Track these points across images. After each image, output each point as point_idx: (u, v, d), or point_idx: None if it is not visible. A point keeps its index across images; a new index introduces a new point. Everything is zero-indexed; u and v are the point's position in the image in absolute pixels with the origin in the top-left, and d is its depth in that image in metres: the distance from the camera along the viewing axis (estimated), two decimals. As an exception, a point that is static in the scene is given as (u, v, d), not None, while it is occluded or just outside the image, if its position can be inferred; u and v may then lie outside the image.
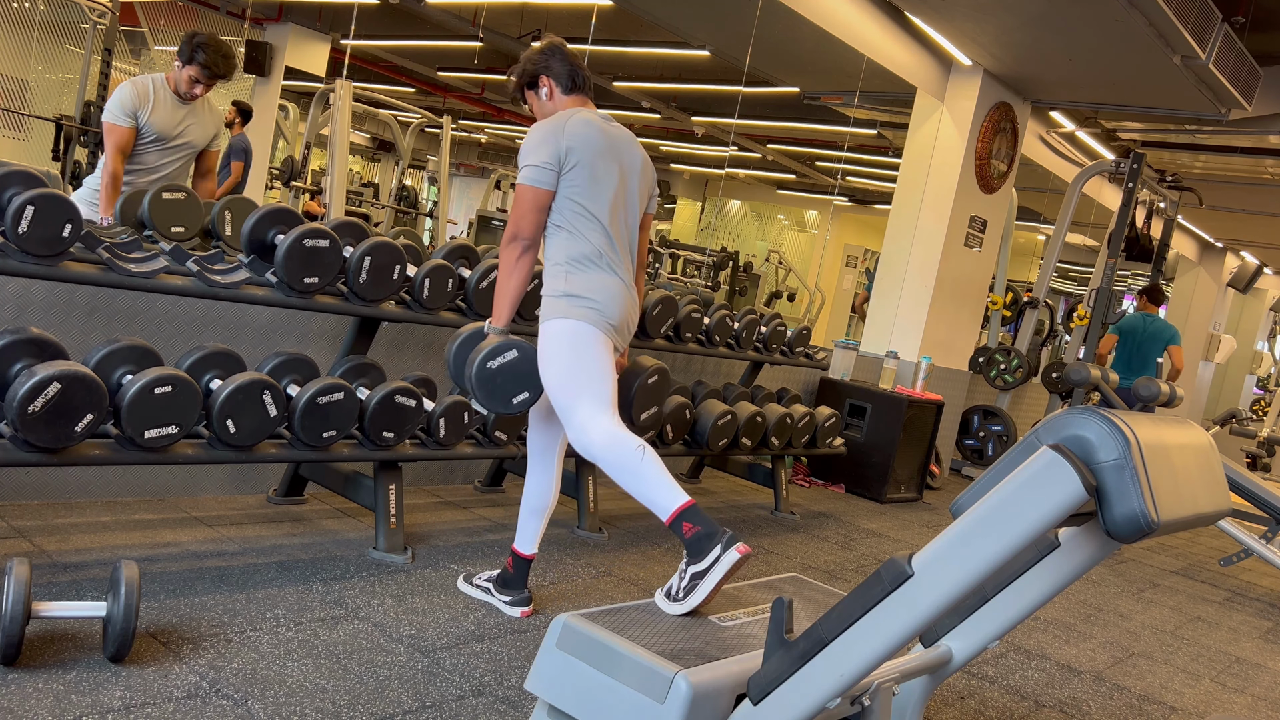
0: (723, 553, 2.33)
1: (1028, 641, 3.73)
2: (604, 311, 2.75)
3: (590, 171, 2.76)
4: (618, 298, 2.79)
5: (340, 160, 7.33)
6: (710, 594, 2.27)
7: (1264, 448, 10.55)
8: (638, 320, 2.96)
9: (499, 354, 2.78)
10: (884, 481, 6.00)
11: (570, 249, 2.77)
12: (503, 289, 2.81)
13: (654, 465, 2.57)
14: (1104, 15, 5.20)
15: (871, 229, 16.08)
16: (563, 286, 2.75)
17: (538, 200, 2.76)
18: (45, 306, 3.06)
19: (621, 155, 2.86)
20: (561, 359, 2.71)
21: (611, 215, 2.81)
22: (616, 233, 2.83)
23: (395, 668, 2.47)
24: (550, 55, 2.92)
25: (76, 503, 3.24)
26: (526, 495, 2.99)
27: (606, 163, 2.80)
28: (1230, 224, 11.82)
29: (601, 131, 2.83)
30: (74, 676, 2.13)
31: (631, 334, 2.94)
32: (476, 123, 15.66)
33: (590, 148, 2.77)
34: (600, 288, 2.75)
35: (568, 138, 2.75)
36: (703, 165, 16.33)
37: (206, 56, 3.80)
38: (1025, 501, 1.58)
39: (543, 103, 2.95)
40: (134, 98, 3.77)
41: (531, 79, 2.95)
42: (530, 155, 2.76)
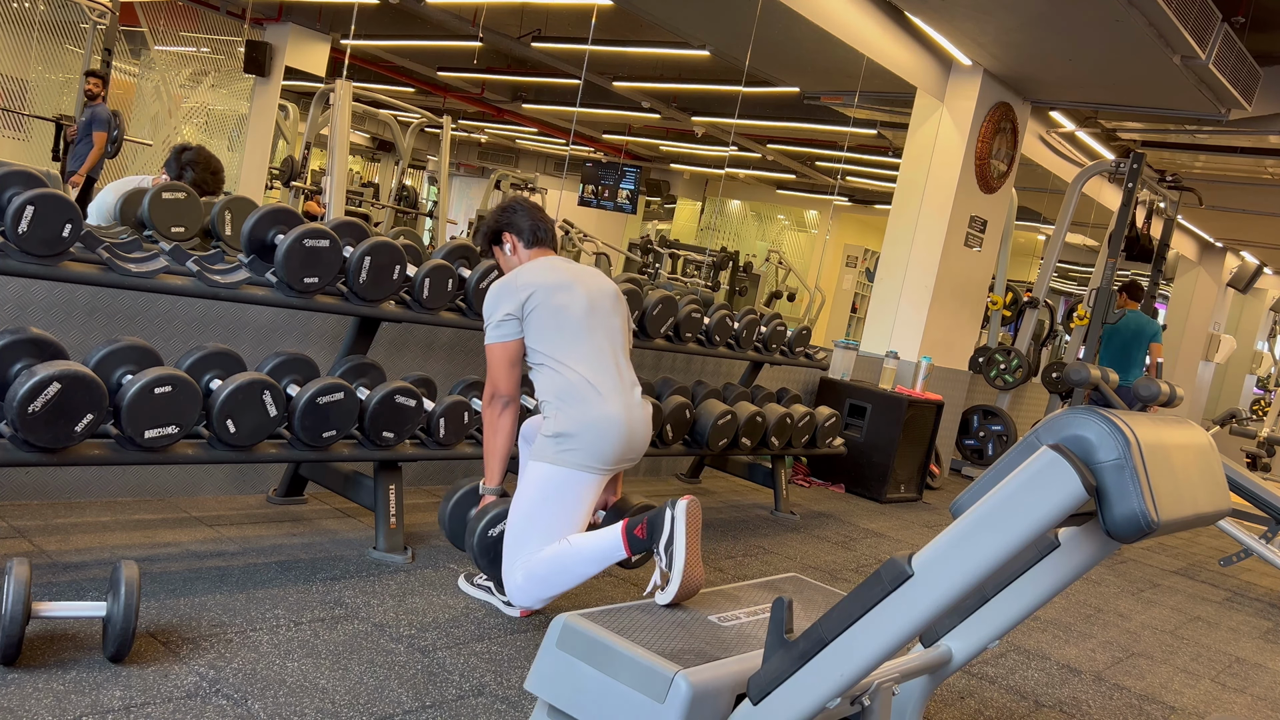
0: (673, 512, 2.44)
1: (1028, 641, 3.73)
2: (594, 450, 2.73)
3: (553, 306, 2.80)
4: (613, 426, 2.75)
5: (340, 160, 7.33)
6: (689, 551, 2.33)
7: (1264, 448, 10.55)
8: (648, 434, 2.89)
9: (498, 523, 2.83)
10: (884, 481, 6.00)
11: (555, 384, 2.78)
12: (490, 449, 2.88)
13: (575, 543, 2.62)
14: (1104, 15, 5.20)
15: (871, 229, 16.09)
16: (554, 426, 2.75)
17: (508, 354, 2.81)
18: (45, 306, 3.06)
19: (586, 281, 2.91)
20: (532, 503, 2.74)
21: (590, 335, 2.82)
22: (598, 355, 2.82)
23: (395, 668, 2.47)
24: (512, 212, 3.02)
25: (76, 503, 3.24)
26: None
27: (569, 292, 2.84)
28: (1230, 224, 11.82)
29: (560, 267, 2.90)
30: (74, 676, 2.13)
31: (643, 449, 2.88)
32: (476, 123, 15.67)
33: (547, 284, 2.82)
34: (591, 422, 2.73)
35: (522, 286, 2.81)
36: (703, 165, 16.34)
37: (196, 175, 3.77)
38: (1025, 501, 1.59)
39: (507, 257, 3.04)
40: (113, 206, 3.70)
41: (495, 235, 3.04)
42: (491, 314, 2.83)
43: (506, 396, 2.83)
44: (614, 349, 2.88)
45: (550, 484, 2.72)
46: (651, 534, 2.46)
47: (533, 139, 16.41)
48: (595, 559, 2.60)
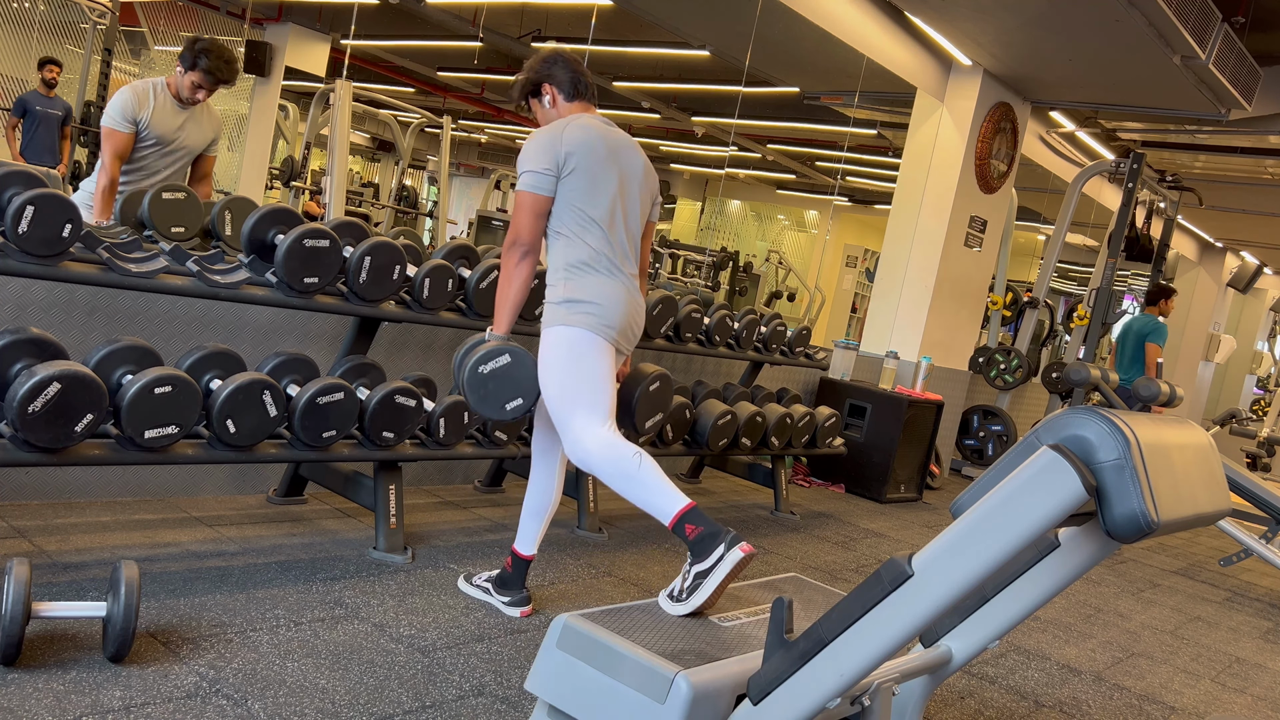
0: (726, 551, 2.34)
1: (1028, 641, 3.73)
2: (604, 316, 2.73)
3: (589, 177, 2.76)
4: (619, 301, 2.77)
5: (340, 160, 7.33)
6: (714, 593, 2.27)
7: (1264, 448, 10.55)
8: (643, 324, 2.94)
9: (491, 358, 2.76)
10: (884, 481, 6.00)
11: (570, 254, 2.76)
12: (503, 295, 2.81)
13: (652, 471, 2.58)
14: (1104, 15, 5.20)
15: (871, 229, 16.09)
16: (563, 293, 2.74)
17: (536, 206, 2.75)
18: (45, 306, 3.06)
19: (622, 161, 2.85)
20: (559, 368, 2.71)
21: (611, 220, 2.80)
22: (616, 238, 2.81)
23: (395, 668, 2.47)
24: (553, 63, 2.93)
25: (76, 503, 3.24)
26: (528, 496, 2.99)
27: (606, 168, 2.79)
28: (1230, 224, 11.82)
29: (601, 137, 2.82)
30: (74, 676, 2.13)
31: (638, 337, 2.92)
32: (476, 123, 15.67)
33: (589, 153, 2.76)
34: (601, 291, 2.74)
35: (566, 143, 2.75)
36: (703, 165, 16.33)
37: (210, 62, 3.78)
38: (1025, 501, 1.58)
39: (546, 110, 2.96)
40: (134, 103, 3.76)
41: (534, 87, 2.96)
42: (529, 161, 2.76)
43: (528, 245, 2.77)
44: (629, 237, 2.86)
45: (573, 343, 2.70)
46: (696, 548, 2.38)
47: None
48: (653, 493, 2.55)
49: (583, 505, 4.04)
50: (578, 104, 2.93)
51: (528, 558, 2.98)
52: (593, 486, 4.08)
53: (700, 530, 2.41)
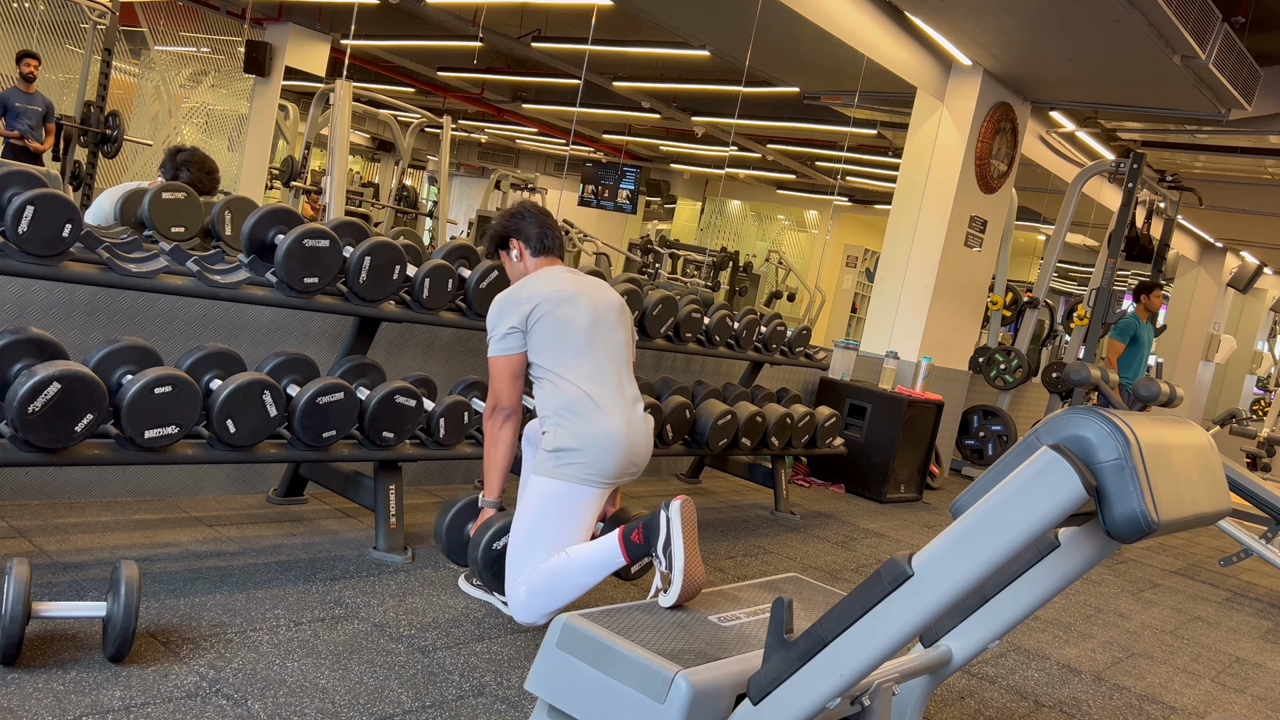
0: (668, 514, 2.42)
1: (1028, 641, 3.73)
2: (592, 465, 2.70)
3: (556, 317, 2.77)
4: (613, 442, 2.72)
5: (340, 160, 7.32)
6: (687, 552, 2.31)
7: (1264, 448, 10.56)
8: (648, 449, 2.86)
9: (501, 536, 2.81)
10: (884, 481, 6.00)
11: (558, 398, 2.75)
12: (490, 461, 2.85)
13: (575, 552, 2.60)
14: (1104, 15, 5.20)
15: (871, 229, 16.08)
16: (552, 441, 2.73)
17: (510, 368, 2.79)
18: (45, 306, 3.06)
19: (591, 293, 2.88)
20: (530, 517, 2.71)
21: (592, 350, 2.79)
22: (602, 364, 2.80)
23: (395, 668, 2.47)
24: (520, 218, 2.97)
25: (76, 503, 3.24)
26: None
27: (574, 303, 2.81)
28: (1230, 224, 11.82)
29: (566, 278, 2.87)
30: (74, 676, 2.13)
31: (641, 466, 2.86)
32: (476, 123, 15.67)
33: (553, 296, 2.79)
34: (591, 438, 2.70)
35: (526, 299, 2.79)
36: (703, 165, 16.33)
37: (191, 175, 3.76)
38: (1025, 501, 1.59)
39: (513, 264, 3.00)
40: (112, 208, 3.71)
41: (502, 240, 3.00)
42: (494, 327, 2.80)
43: (508, 409, 2.81)
44: (616, 363, 2.85)
45: (551, 499, 2.70)
46: (648, 538, 2.45)
47: (533, 139, 16.41)
48: (594, 568, 2.58)
49: (583, 505, 4.04)
50: (544, 259, 2.96)
51: None
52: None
53: (639, 526, 2.49)
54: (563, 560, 2.60)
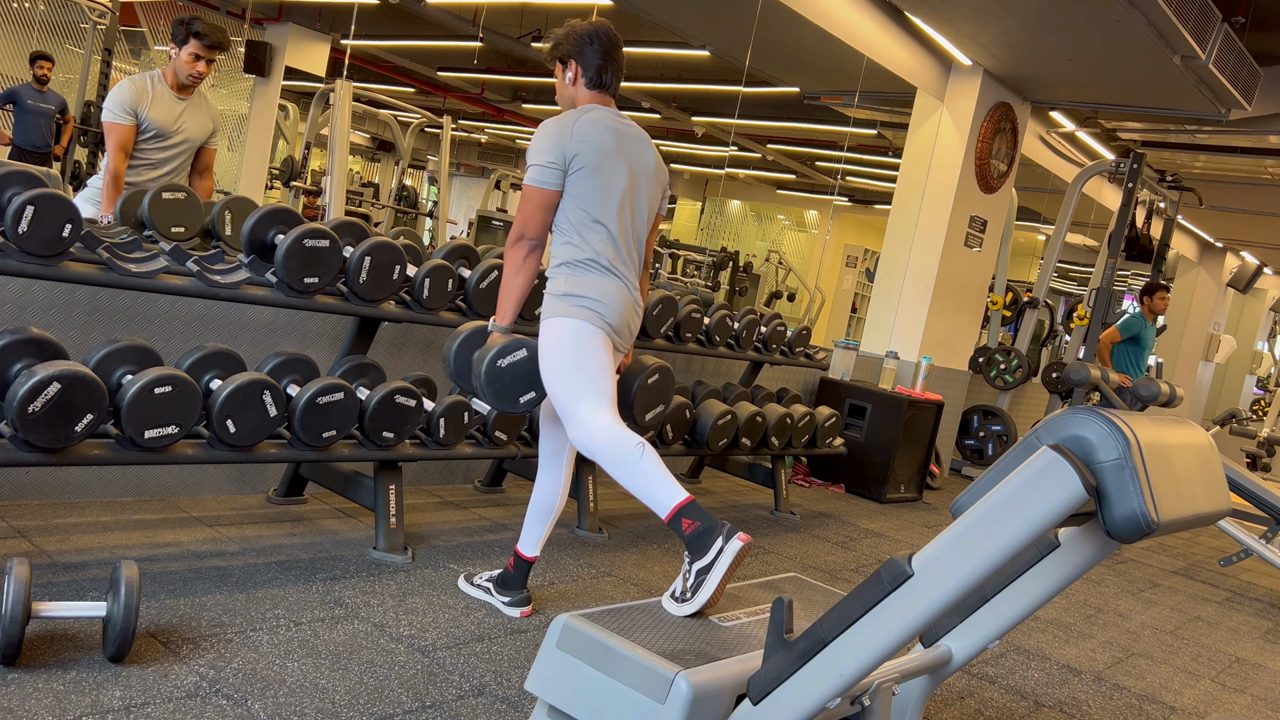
0: (724, 544, 2.33)
1: (1028, 641, 3.73)
2: (603, 312, 2.74)
3: (596, 174, 2.73)
4: (618, 300, 2.78)
5: (340, 160, 7.33)
6: (718, 588, 2.26)
7: (1264, 448, 10.55)
8: (639, 324, 2.94)
9: (508, 353, 2.78)
10: (884, 481, 6.00)
11: (573, 252, 2.76)
12: (508, 288, 2.80)
13: (653, 462, 2.57)
14: (1104, 15, 5.20)
15: (871, 229, 16.08)
16: (564, 287, 2.74)
17: (544, 200, 2.74)
18: (45, 306, 3.06)
19: (632, 156, 2.83)
20: (561, 356, 2.71)
21: (618, 218, 2.79)
22: (622, 236, 2.81)
23: (395, 668, 2.47)
24: (589, 42, 2.85)
25: (76, 503, 3.24)
26: (535, 497, 2.99)
27: (614, 164, 2.76)
28: (1230, 224, 11.82)
29: (612, 131, 2.79)
30: (74, 676, 2.13)
31: (633, 336, 2.92)
32: (476, 123, 15.66)
33: (597, 149, 2.74)
34: (601, 290, 2.74)
35: (575, 140, 2.72)
36: (703, 165, 16.33)
37: (202, 25, 3.81)
38: (1025, 501, 1.58)
39: (565, 85, 2.91)
40: (132, 94, 3.79)
41: (564, 57, 2.89)
42: (537, 155, 2.73)
43: (535, 240, 2.75)
44: (636, 235, 2.85)
45: (573, 333, 2.70)
46: (694, 543, 2.37)
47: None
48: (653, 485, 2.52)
49: (583, 505, 4.04)
50: (595, 94, 2.88)
51: (530, 559, 2.97)
52: (593, 487, 4.08)
53: (697, 525, 2.40)
54: (640, 454, 2.56)
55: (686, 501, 2.47)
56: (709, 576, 2.27)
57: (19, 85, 7.97)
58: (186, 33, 3.81)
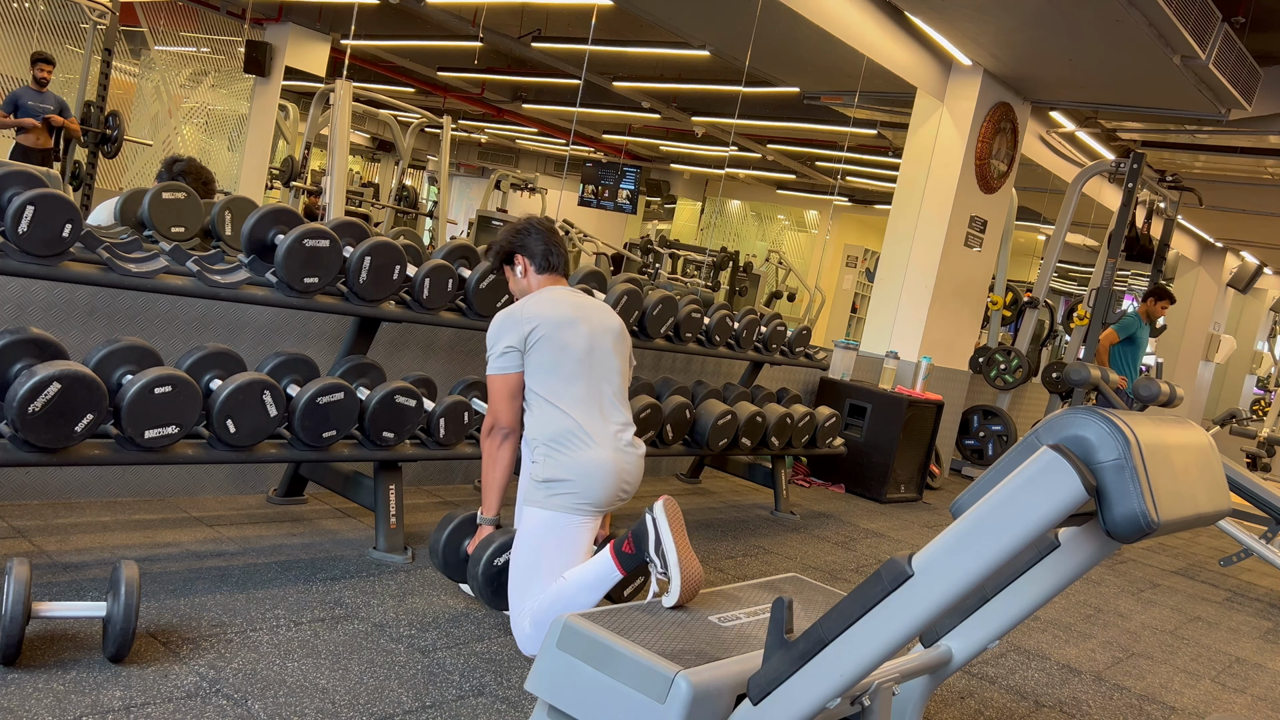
0: (652, 515, 2.46)
1: (1028, 641, 3.73)
2: (584, 495, 2.71)
3: (555, 342, 2.77)
4: (604, 472, 2.72)
5: (340, 160, 7.32)
6: (680, 549, 2.34)
7: (1264, 448, 10.56)
8: (638, 478, 2.87)
9: (503, 553, 2.80)
10: (884, 481, 6.00)
11: (547, 427, 2.74)
12: (488, 480, 2.85)
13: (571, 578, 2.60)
14: (1104, 15, 5.20)
15: (871, 229, 16.08)
16: (542, 472, 2.72)
17: (508, 386, 2.79)
18: (45, 306, 3.06)
19: (591, 318, 2.88)
20: (527, 549, 2.71)
21: (586, 376, 2.80)
22: (595, 393, 2.81)
23: (395, 668, 2.47)
24: (526, 234, 2.97)
25: (76, 503, 3.24)
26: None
27: (572, 328, 2.81)
28: (1230, 224, 11.82)
29: (566, 302, 2.86)
30: (74, 676, 2.13)
31: (632, 491, 2.87)
32: (476, 123, 15.66)
33: (552, 319, 2.79)
34: (580, 468, 2.70)
35: (527, 319, 2.78)
36: (703, 165, 16.33)
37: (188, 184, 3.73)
38: (1025, 502, 1.59)
39: (517, 279, 3.00)
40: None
41: (507, 255, 3.00)
42: (494, 345, 2.81)
43: (506, 429, 2.81)
44: (611, 391, 2.86)
45: (545, 529, 2.70)
46: (638, 545, 2.46)
47: (533, 139, 16.41)
48: (591, 586, 2.58)
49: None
50: (548, 276, 2.96)
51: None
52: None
53: (628, 537, 2.51)
54: (560, 585, 2.61)
55: (611, 548, 2.56)
56: (664, 545, 2.39)
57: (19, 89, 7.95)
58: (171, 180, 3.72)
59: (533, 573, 2.68)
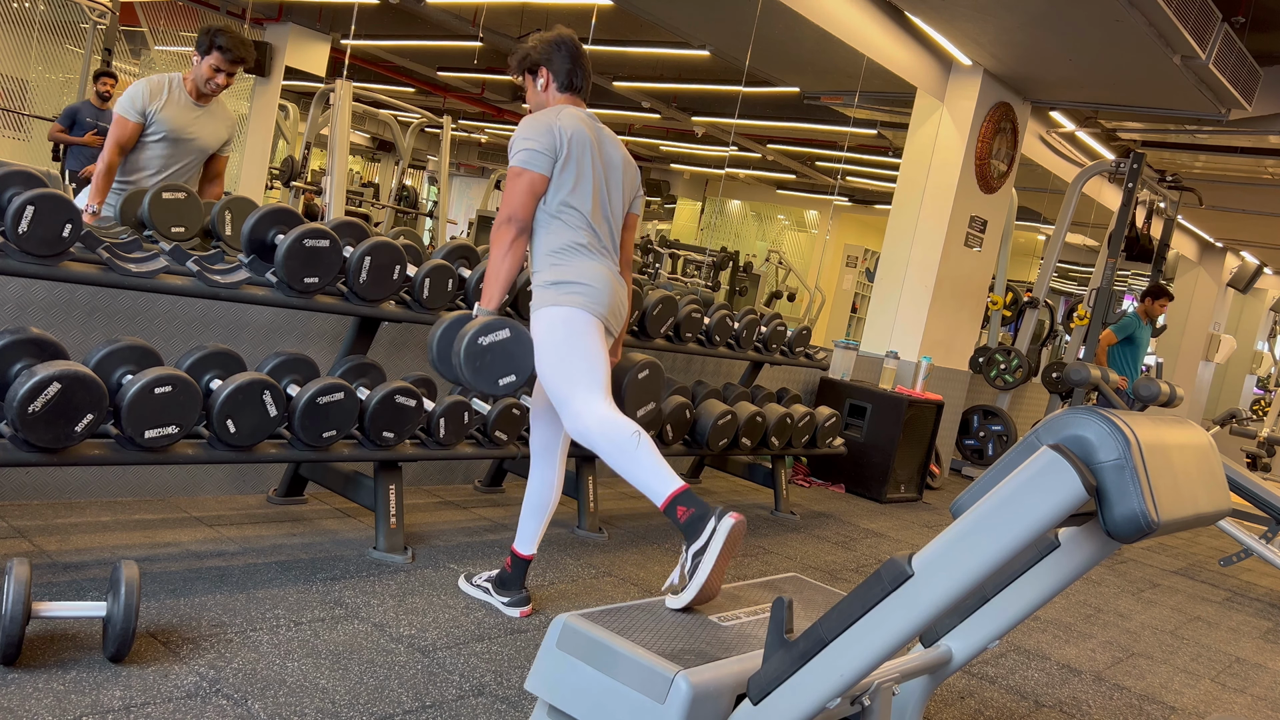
0: (717, 523, 2.36)
1: (1028, 641, 3.73)
2: (594, 295, 2.76)
3: (577, 167, 2.79)
4: (606, 282, 2.80)
5: (340, 160, 7.33)
6: (715, 568, 2.27)
7: (1264, 448, 10.56)
8: (628, 311, 2.97)
9: (491, 331, 2.73)
10: (884, 481, 6.00)
11: (555, 240, 2.79)
12: (494, 272, 2.78)
13: (649, 451, 2.57)
14: (1104, 15, 5.20)
15: (871, 229, 16.08)
16: (550, 276, 2.76)
17: (533, 185, 2.77)
18: (45, 306, 3.06)
19: (606, 153, 2.91)
20: (554, 346, 2.72)
21: (595, 210, 2.84)
22: (600, 227, 2.86)
23: (395, 668, 2.47)
24: (556, 49, 2.95)
25: (76, 503, 3.24)
26: (528, 494, 2.99)
27: (592, 160, 2.83)
28: (1230, 224, 11.82)
29: (589, 129, 2.87)
30: (74, 676, 2.13)
31: (623, 322, 2.94)
32: (476, 123, 15.67)
33: (579, 144, 2.81)
34: (588, 273, 2.77)
35: (561, 129, 2.79)
36: (703, 165, 16.34)
37: (226, 40, 3.75)
38: (1025, 502, 1.58)
39: (537, 92, 2.99)
40: (146, 94, 3.74)
41: (533, 66, 2.98)
42: (528, 140, 2.77)
43: (522, 223, 2.75)
44: (614, 227, 2.91)
45: (565, 322, 2.72)
46: (689, 528, 2.40)
47: (533, 139, 16.37)
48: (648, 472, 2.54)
49: (583, 505, 4.04)
50: (568, 96, 2.96)
51: (527, 557, 2.98)
52: (592, 486, 4.08)
53: (691, 512, 2.42)
54: (636, 441, 2.56)
55: (681, 490, 2.47)
56: (704, 558, 2.29)
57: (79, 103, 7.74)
58: (210, 44, 3.76)
59: (569, 368, 2.69)
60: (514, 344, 2.77)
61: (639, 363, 3.27)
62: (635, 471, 2.55)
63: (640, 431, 2.60)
